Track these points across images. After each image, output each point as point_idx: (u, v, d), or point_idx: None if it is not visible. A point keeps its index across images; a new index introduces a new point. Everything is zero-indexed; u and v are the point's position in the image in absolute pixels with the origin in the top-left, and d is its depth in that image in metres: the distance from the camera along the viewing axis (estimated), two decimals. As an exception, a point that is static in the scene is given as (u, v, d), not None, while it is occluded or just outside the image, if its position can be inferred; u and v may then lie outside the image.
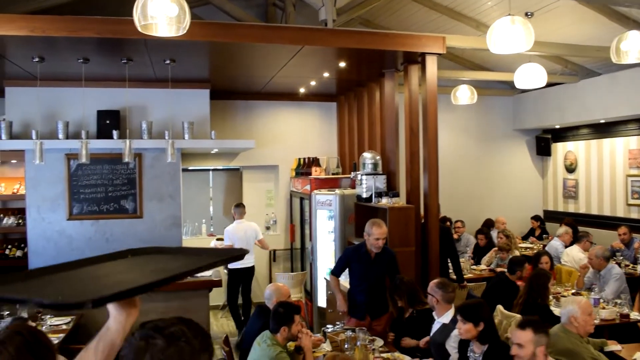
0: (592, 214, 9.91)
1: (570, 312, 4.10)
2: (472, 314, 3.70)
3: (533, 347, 3.14)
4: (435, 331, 4.32)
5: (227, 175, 9.94)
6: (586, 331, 4.12)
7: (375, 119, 7.71)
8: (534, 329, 3.18)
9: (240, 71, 7.59)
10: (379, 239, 5.15)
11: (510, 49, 5.14)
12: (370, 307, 5.28)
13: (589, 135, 10.02)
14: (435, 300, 4.32)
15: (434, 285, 4.37)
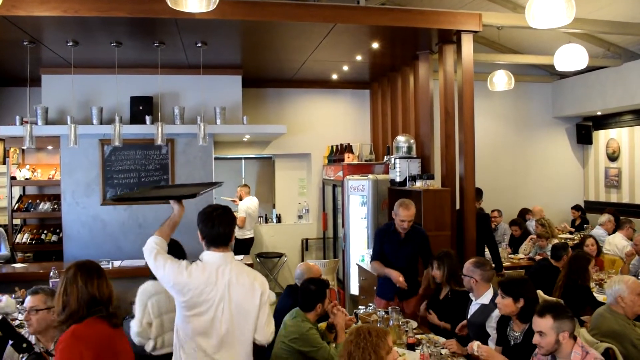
0: (637, 203, 9.52)
1: (618, 292, 3.88)
2: (513, 288, 3.54)
3: (555, 334, 2.93)
4: (474, 312, 4.14)
5: (260, 163, 9.91)
6: (634, 312, 3.90)
7: (409, 103, 7.55)
8: (553, 315, 2.96)
9: (271, 55, 7.51)
10: (404, 221, 4.99)
11: (551, 23, 4.92)
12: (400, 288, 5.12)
13: (633, 122, 9.62)
14: (473, 281, 4.12)
15: (471, 265, 4.18)
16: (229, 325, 2.98)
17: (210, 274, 2.99)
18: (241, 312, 3.02)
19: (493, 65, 8.68)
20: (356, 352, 2.77)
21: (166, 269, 2.96)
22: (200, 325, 2.95)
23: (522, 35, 8.87)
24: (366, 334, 2.82)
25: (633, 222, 7.35)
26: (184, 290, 2.93)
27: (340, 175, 7.95)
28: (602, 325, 3.90)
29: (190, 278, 2.94)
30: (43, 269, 6.30)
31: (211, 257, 3.05)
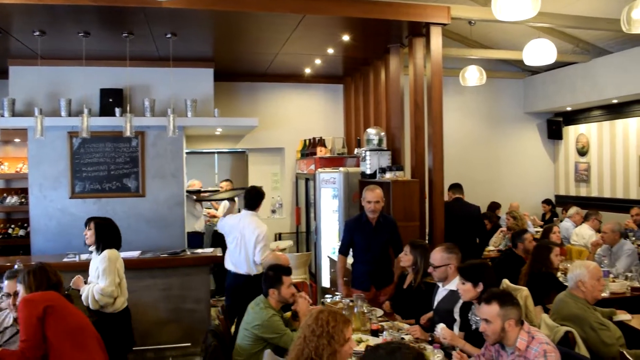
0: (605, 197, 9.70)
1: (578, 277, 3.95)
2: (472, 273, 3.56)
3: (501, 322, 2.92)
4: (442, 299, 4.12)
5: (233, 158, 9.87)
6: (594, 297, 3.96)
7: (380, 97, 7.59)
8: (499, 302, 2.95)
9: (243, 48, 7.48)
10: (371, 202, 5.05)
11: (517, 16, 4.98)
12: (375, 278, 5.16)
13: (602, 117, 9.80)
14: (451, 267, 4.05)
15: (445, 252, 4.09)
16: (242, 248, 5.55)
17: (235, 221, 5.73)
18: (247, 242, 5.52)
19: (466, 60, 8.77)
20: (311, 338, 2.73)
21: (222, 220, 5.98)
22: (231, 248, 5.66)
23: (494, 31, 8.95)
24: (324, 322, 2.76)
25: (600, 214, 7.48)
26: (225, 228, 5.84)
27: (313, 168, 7.96)
28: (562, 310, 3.97)
29: (224, 223, 5.90)
30: (9, 262, 6.19)
31: (242, 213, 5.81)
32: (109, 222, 4.74)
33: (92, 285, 4.49)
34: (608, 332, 3.81)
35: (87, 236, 4.63)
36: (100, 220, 4.71)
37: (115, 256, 4.59)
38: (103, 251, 4.55)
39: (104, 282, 4.43)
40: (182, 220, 7.55)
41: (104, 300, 4.42)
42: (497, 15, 4.96)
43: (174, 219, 7.48)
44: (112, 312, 4.52)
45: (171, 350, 6.26)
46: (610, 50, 8.76)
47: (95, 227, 4.60)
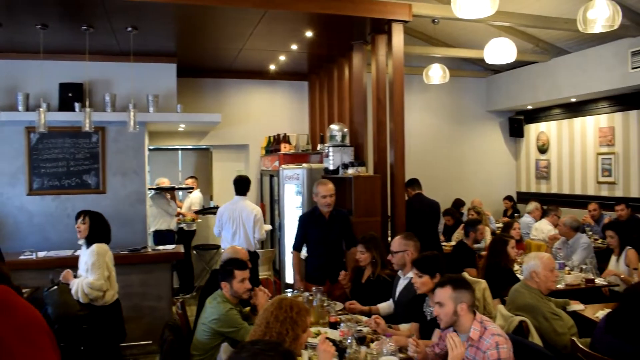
0: (564, 193, 9.93)
1: (532, 267, 4.03)
2: (428, 266, 3.60)
3: (453, 305, 2.97)
4: (403, 288, 4.18)
5: (197, 154, 9.79)
6: (547, 287, 4.05)
7: (344, 93, 7.62)
8: (453, 286, 3.01)
9: (207, 42, 7.42)
10: (326, 196, 5.06)
11: (475, 14, 5.08)
12: (329, 272, 5.15)
13: (561, 115, 10.03)
14: (408, 253, 4.15)
15: (402, 239, 4.19)
16: (241, 228, 6.25)
17: (232, 207, 6.35)
18: (246, 222, 6.26)
19: (430, 59, 8.85)
20: (274, 324, 2.77)
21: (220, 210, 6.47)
22: (231, 230, 6.23)
23: (457, 30, 9.08)
24: (287, 308, 2.82)
25: (559, 210, 7.65)
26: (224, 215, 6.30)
27: (277, 165, 7.95)
28: (517, 300, 4.05)
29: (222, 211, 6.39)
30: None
31: (235, 199, 6.42)
32: (101, 215, 4.83)
33: (82, 279, 4.58)
34: (560, 321, 3.91)
35: (79, 230, 4.69)
36: (94, 213, 4.80)
37: (104, 250, 4.68)
38: (91, 245, 4.63)
39: (92, 276, 4.53)
40: (144, 217, 7.45)
41: (93, 293, 4.54)
42: (457, 13, 5.05)
43: (135, 216, 7.36)
44: (103, 305, 4.63)
45: (132, 348, 6.17)
46: (568, 50, 8.97)
47: (90, 220, 4.70)
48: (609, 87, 8.17)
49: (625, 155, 8.69)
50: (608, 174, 8.97)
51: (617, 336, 3.16)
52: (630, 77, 7.74)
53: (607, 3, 5.19)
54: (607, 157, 8.98)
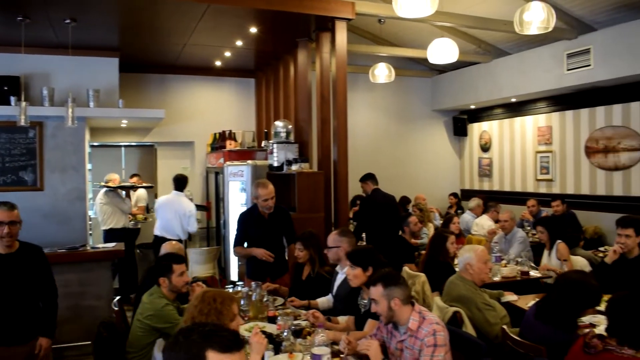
0: (505, 190, 10.24)
1: (466, 260, 4.14)
2: (361, 258, 3.64)
3: (386, 301, 3.02)
4: (340, 283, 4.22)
5: (141, 151, 9.61)
6: (481, 279, 4.17)
7: (290, 90, 7.64)
8: (383, 283, 3.06)
9: (150, 37, 7.31)
10: (267, 199, 5.00)
11: (416, 13, 5.18)
12: (270, 269, 5.13)
13: (502, 115, 10.33)
14: (342, 250, 4.20)
15: (337, 235, 4.25)
16: (177, 219, 7.09)
17: (170, 200, 7.10)
18: (182, 216, 7.08)
19: (377, 58, 8.97)
20: (200, 318, 2.74)
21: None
22: (167, 219, 7.00)
23: (402, 30, 9.22)
24: (211, 300, 2.81)
25: (498, 206, 7.86)
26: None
27: (222, 162, 7.88)
28: (452, 291, 4.15)
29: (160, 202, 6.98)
30: None
31: (173, 193, 7.17)
32: None
33: None
34: (493, 312, 4.02)
35: None
36: None
37: None
38: None
39: None
40: (84, 215, 7.26)
41: None
42: (398, 12, 5.13)
43: (75, 214, 7.16)
44: None
45: (70, 349, 5.99)
46: (509, 52, 9.25)
47: None
48: (547, 88, 8.48)
49: (562, 153, 9.03)
50: (546, 172, 9.30)
51: (546, 322, 3.28)
52: (566, 78, 8.05)
53: (542, 6, 5.39)
54: (545, 156, 9.31)
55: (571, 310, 3.19)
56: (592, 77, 7.68)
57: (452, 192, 10.63)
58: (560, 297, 3.25)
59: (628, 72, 7.20)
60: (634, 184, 7.89)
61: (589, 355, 2.69)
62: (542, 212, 8.38)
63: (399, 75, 9.26)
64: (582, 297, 3.19)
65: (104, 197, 7.87)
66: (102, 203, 7.89)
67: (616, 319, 2.67)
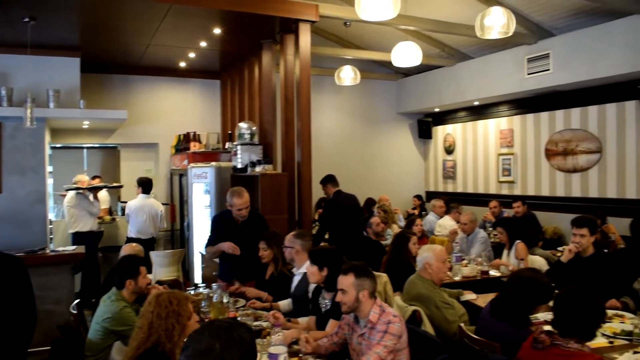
0: (469, 192, 10.41)
1: (425, 259, 4.20)
2: (318, 257, 3.69)
3: (355, 292, 3.07)
4: (297, 283, 4.25)
5: (104, 153, 9.47)
6: (439, 278, 4.23)
7: (254, 92, 7.63)
8: (355, 274, 3.10)
9: (113, 37, 7.22)
10: (241, 209, 4.98)
11: (378, 16, 5.24)
12: (240, 272, 5.12)
13: (466, 118, 10.50)
14: (295, 251, 4.26)
15: (292, 236, 4.33)
16: (150, 220, 7.44)
17: (141, 203, 7.37)
18: (154, 216, 7.43)
19: (343, 61, 9.04)
20: (158, 322, 2.71)
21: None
22: (141, 220, 7.37)
23: (368, 33, 9.29)
24: (167, 302, 2.77)
25: (460, 207, 8.00)
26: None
27: (186, 164, 7.83)
28: (412, 290, 4.21)
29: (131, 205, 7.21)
30: None
31: (142, 196, 7.46)
32: None
33: None
34: (452, 310, 4.09)
35: None
36: None
37: None
38: None
39: None
40: (44, 217, 7.10)
41: None
42: (361, 15, 5.19)
43: (34, 217, 6.99)
44: None
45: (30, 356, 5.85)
46: (472, 56, 9.41)
47: None
48: (508, 92, 8.66)
49: (523, 155, 9.22)
50: (508, 174, 9.49)
51: (501, 319, 3.35)
52: (527, 82, 8.23)
53: (502, 11, 5.50)
54: (507, 158, 9.50)
55: (523, 307, 3.27)
56: (551, 81, 7.87)
57: (416, 194, 10.76)
58: (512, 294, 3.33)
59: (585, 76, 7.40)
60: (592, 185, 8.12)
61: (537, 350, 2.77)
62: (504, 213, 8.54)
63: (364, 77, 9.34)
64: (534, 293, 3.27)
65: (71, 200, 7.69)
66: (70, 206, 7.70)
67: (562, 313, 2.75)
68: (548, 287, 3.31)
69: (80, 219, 7.67)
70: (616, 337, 3.42)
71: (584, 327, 2.70)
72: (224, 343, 1.78)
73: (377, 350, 2.90)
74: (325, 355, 3.31)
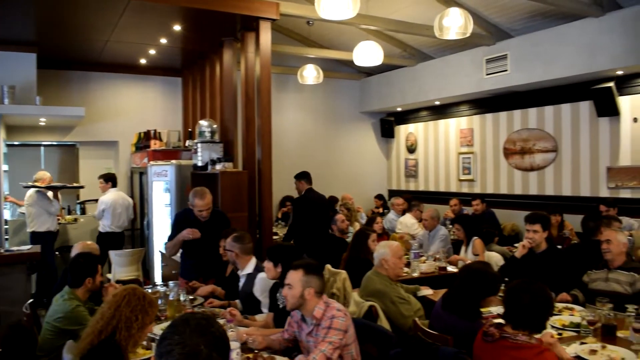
0: (430, 190, 10.56)
1: (382, 255, 4.26)
2: (274, 253, 3.72)
3: (301, 288, 3.08)
4: (243, 284, 4.28)
5: (62, 151, 9.27)
6: (396, 274, 4.30)
7: (215, 90, 7.59)
8: (304, 270, 3.13)
9: (71, 32, 7.08)
10: (202, 210, 4.97)
11: (337, 15, 5.29)
12: (203, 270, 5.10)
13: (427, 117, 10.65)
14: (234, 254, 4.27)
15: (231, 240, 4.33)
16: (125, 213, 7.64)
17: (115, 197, 7.47)
18: (127, 208, 7.62)
19: (306, 60, 9.04)
20: (125, 308, 2.73)
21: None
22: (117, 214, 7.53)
23: (331, 33, 9.34)
24: (141, 296, 2.81)
25: (421, 205, 8.10)
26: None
27: (146, 162, 7.73)
28: (368, 286, 4.26)
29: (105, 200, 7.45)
30: None
31: (113, 190, 7.56)
32: None
33: None
34: (407, 305, 4.16)
35: None
36: None
37: None
38: None
39: None
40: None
41: None
42: (321, 14, 5.23)
43: (-12, 218, 6.85)
44: None
45: (-18, 357, 5.71)
46: (433, 56, 9.54)
47: None
48: (468, 92, 8.82)
49: (482, 154, 9.40)
50: (468, 172, 9.66)
51: (452, 312, 3.42)
52: (485, 83, 8.39)
53: (460, 12, 5.60)
54: (467, 157, 9.67)
55: (471, 299, 3.34)
56: (508, 81, 8.05)
57: (378, 194, 10.85)
58: (460, 286, 3.41)
59: (541, 77, 7.59)
60: (548, 183, 8.33)
61: (487, 343, 2.83)
62: (464, 210, 8.69)
63: (328, 77, 9.38)
64: (480, 285, 3.34)
65: (30, 198, 7.43)
66: (27, 204, 7.45)
67: (511, 306, 2.82)
68: (495, 278, 3.39)
69: (37, 218, 7.39)
70: (565, 329, 3.53)
71: (533, 319, 2.77)
72: (209, 342, 1.71)
73: (323, 348, 2.90)
74: (280, 351, 3.32)
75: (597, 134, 7.65)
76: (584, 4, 6.70)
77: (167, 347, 1.69)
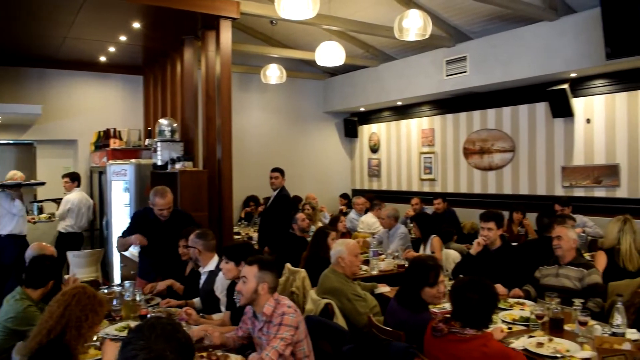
0: (393, 189, 10.68)
1: (338, 253, 4.30)
2: (234, 253, 3.70)
3: (256, 283, 3.11)
4: (204, 281, 4.27)
5: (18, 150, 9.05)
6: (352, 272, 4.34)
7: (176, 88, 7.54)
8: (259, 266, 3.15)
9: (26, 29, 6.92)
10: (163, 209, 4.93)
11: (297, 15, 5.33)
12: (162, 270, 5.04)
13: (390, 118, 10.77)
14: (197, 252, 4.26)
15: (194, 236, 4.31)
16: (87, 213, 7.55)
17: (79, 197, 7.41)
18: (90, 207, 7.53)
19: (270, 59, 9.04)
20: (75, 308, 2.72)
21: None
22: (81, 214, 7.51)
23: (295, 33, 9.35)
24: (91, 295, 2.81)
25: (383, 204, 8.19)
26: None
27: (106, 161, 7.62)
28: (325, 284, 4.29)
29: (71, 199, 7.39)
30: None
31: (77, 189, 7.49)
32: None
33: None
34: (363, 302, 4.20)
35: None
36: None
37: None
38: None
39: None
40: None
41: None
42: (281, 13, 5.26)
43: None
44: None
45: None
46: (395, 57, 9.65)
47: None
48: (428, 92, 8.95)
49: (443, 154, 9.56)
50: (429, 172, 9.81)
51: (404, 307, 3.48)
52: (445, 84, 8.53)
53: (420, 14, 5.69)
54: (428, 157, 9.81)
55: (413, 289, 3.45)
56: (468, 83, 8.20)
57: (342, 194, 10.92)
58: (405, 278, 3.51)
59: (499, 78, 7.76)
60: (505, 182, 8.52)
61: (437, 338, 2.90)
62: (425, 209, 8.81)
63: (291, 77, 9.40)
64: (418, 274, 3.44)
65: None
66: None
67: (458, 303, 2.89)
68: (432, 268, 3.45)
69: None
70: (514, 324, 3.63)
71: (481, 317, 2.84)
72: (174, 348, 1.68)
73: (275, 345, 2.93)
74: (234, 349, 3.32)
75: (553, 134, 7.86)
76: (539, 8, 6.88)
77: (132, 352, 1.65)
